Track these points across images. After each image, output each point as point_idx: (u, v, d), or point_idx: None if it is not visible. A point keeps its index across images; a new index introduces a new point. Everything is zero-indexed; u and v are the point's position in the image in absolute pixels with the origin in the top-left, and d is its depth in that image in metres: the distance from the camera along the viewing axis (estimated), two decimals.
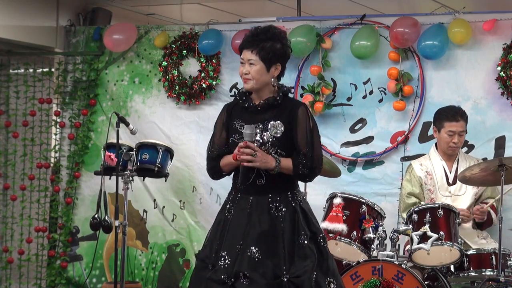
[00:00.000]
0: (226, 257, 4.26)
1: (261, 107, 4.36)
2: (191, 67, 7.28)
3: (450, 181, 5.93)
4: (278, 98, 4.36)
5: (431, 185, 5.95)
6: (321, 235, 4.38)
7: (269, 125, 4.30)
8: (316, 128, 4.39)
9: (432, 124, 6.04)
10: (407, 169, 6.14)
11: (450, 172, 5.93)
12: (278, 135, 4.30)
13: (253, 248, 4.23)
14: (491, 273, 5.42)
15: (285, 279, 4.19)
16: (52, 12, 7.66)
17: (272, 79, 4.36)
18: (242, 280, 4.20)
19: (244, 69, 4.33)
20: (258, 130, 4.32)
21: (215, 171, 4.49)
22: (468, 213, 5.79)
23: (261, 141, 4.31)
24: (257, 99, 4.39)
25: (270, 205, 4.31)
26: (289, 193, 4.36)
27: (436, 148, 6.04)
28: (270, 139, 4.30)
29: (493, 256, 5.46)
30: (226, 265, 4.25)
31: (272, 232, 4.28)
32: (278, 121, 4.30)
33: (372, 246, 5.47)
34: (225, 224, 4.37)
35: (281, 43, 4.36)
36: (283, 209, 4.31)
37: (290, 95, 4.51)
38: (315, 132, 4.37)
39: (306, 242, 4.28)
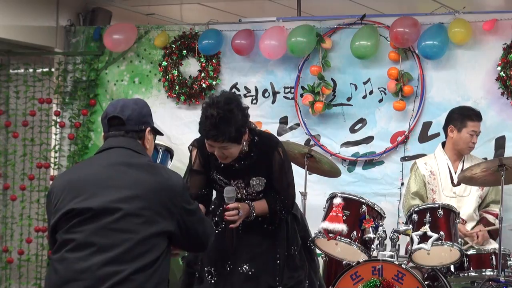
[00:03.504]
0: (214, 273, 4.26)
1: (238, 164, 4.32)
2: (191, 67, 7.28)
3: (455, 181, 5.92)
4: (251, 148, 4.30)
5: (433, 185, 5.94)
6: (310, 238, 4.43)
7: (252, 183, 4.32)
8: (290, 169, 4.42)
9: (448, 124, 5.98)
10: (412, 167, 6.13)
11: (456, 173, 5.92)
12: (261, 189, 4.34)
13: (245, 265, 4.26)
14: (491, 273, 5.41)
15: None
16: (52, 12, 7.66)
17: (244, 142, 4.27)
18: None
19: (217, 151, 4.20)
20: (238, 186, 4.34)
21: None
22: (467, 232, 5.80)
23: (244, 196, 4.34)
24: None
25: (262, 224, 4.37)
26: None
27: (443, 148, 6.03)
28: (254, 193, 4.33)
29: (493, 256, 5.45)
30: (213, 281, 4.26)
31: (264, 246, 4.32)
32: (260, 177, 4.33)
33: (372, 246, 5.46)
34: None
35: (238, 111, 4.18)
36: (275, 223, 4.37)
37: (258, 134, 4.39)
38: (289, 174, 4.40)
39: (296, 253, 4.36)
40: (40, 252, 7.63)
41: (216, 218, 4.42)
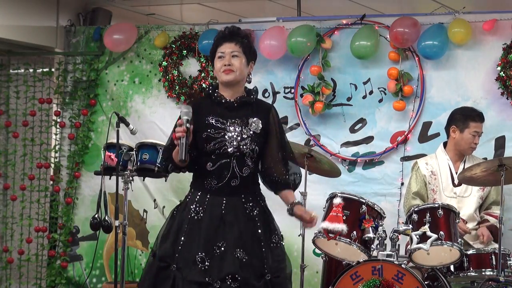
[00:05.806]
0: (205, 258, 4.25)
1: (237, 103, 4.39)
2: (191, 67, 7.28)
3: (456, 182, 5.91)
4: (252, 97, 4.42)
5: (434, 185, 5.94)
6: (280, 234, 4.45)
7: (250, 121, 4.36)
8: (283, 129, 4.53)
9: (450, 124, 5.96)
10: (413, 167, 6.12)
11: (457, 173, 5.91)
12: (258, 131, 4.35)
13: (238, 249, 4.25)
14: (491, 273, 5.42)
15: (267, 278, 4.25)
16: (52, 12, 7.66)
17: (249, 76, 4.43)
18: (229, 282, 4.19)
19: (225, 61, 4.34)
20: (236, 125, 4.35)
21: (170, 161, 4.40)
22: (467, 229, 5.79)
23: (244, 136, 4.35)
24: (229, 96, 4.40)
25: (245, 205, 4.33)
26: (256, 193, 4.42)
27: (444, 148, 6.03)
28: (250, 135, 4.33)
29: (493, 256, 5.46)
30: (206, 267, 4.24)
31: (250, 232, 4.31)
32: (256, 118, 4.38)
33: (372, 246, 5.47)
34: (191, 224, 4.30)
35: (252, 44, 4.50)
36: (257, 208, 4.36)
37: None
38: (284, 135, 4.50)
39: (279, 242, 4.37)
40: (40, 252, 7.63)
41: (194, 208, 4.40)
